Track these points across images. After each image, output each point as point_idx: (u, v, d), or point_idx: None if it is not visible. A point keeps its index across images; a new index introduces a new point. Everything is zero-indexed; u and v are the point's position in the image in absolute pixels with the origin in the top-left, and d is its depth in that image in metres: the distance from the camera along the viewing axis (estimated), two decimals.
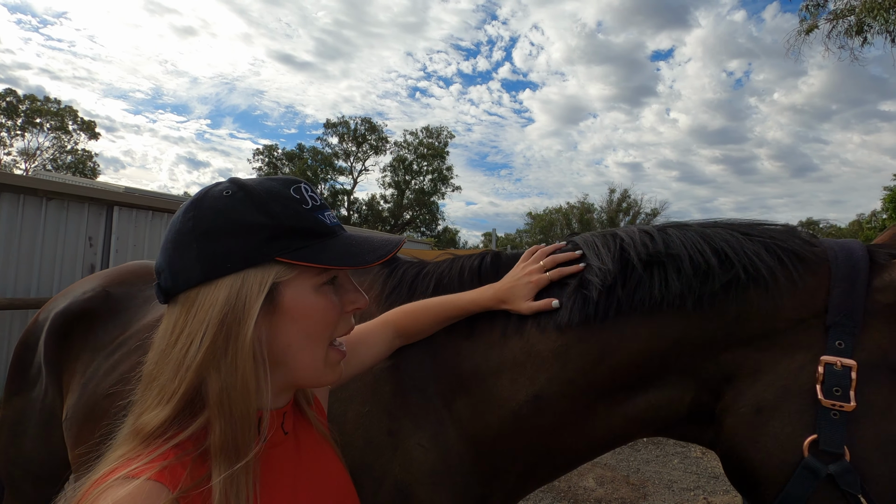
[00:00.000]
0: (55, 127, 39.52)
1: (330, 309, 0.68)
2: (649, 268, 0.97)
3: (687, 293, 0.92)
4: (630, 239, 1.02)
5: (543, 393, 1.01)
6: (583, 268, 1.05)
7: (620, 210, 47.52)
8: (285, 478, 0.68)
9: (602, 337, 0.96)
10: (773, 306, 0.88)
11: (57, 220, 7.23)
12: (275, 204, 0.65)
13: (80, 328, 1.49)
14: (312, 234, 0.67)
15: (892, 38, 9.86)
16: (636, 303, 0.94)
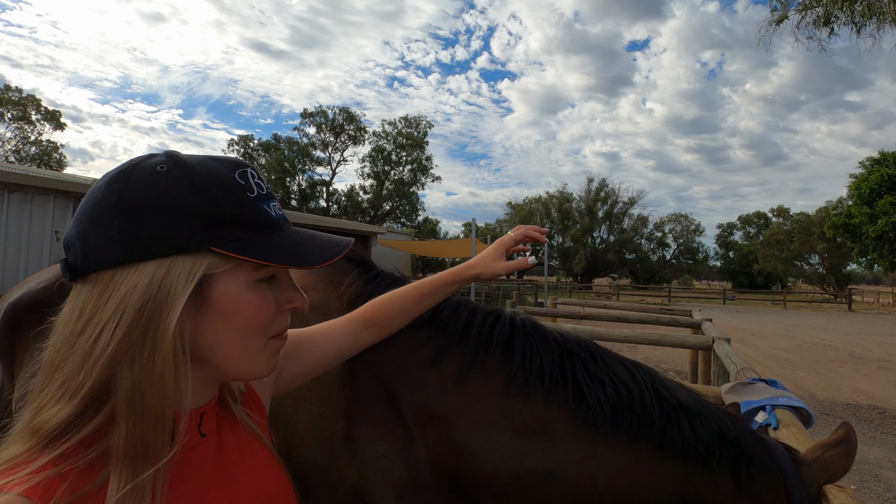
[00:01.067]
0: (17, 117, 37.93)
1: (264, 307, 0.62)
2: (680, 412, 1.04)
3: (712, 450, 1.01)
4: (659, 378, 1.09)
5: (557, 473, 1.00)
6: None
7: (599, 199, 48.09)
8: (197, 484, 0.61)
9: (632, 452, 1.01)
10: (762, 488, 1.02)
11: (20, 214, 6.96)
12: (216, 188, 0.59)
13: (33, 319, 1.45)
14: (254, 226, 0.61)
15: (858, 29, 10.13)
16: (668, 439, 1.01)
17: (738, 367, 2.83)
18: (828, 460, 1.08)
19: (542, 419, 1.02)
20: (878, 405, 6.83)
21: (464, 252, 22.13)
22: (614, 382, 1.04)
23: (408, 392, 1.04)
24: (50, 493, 0.48)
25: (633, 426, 1.01)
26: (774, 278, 47.28)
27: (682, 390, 1.09)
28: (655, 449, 1.01)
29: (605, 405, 1.01)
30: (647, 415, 1.01)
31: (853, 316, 23.56)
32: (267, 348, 0.65)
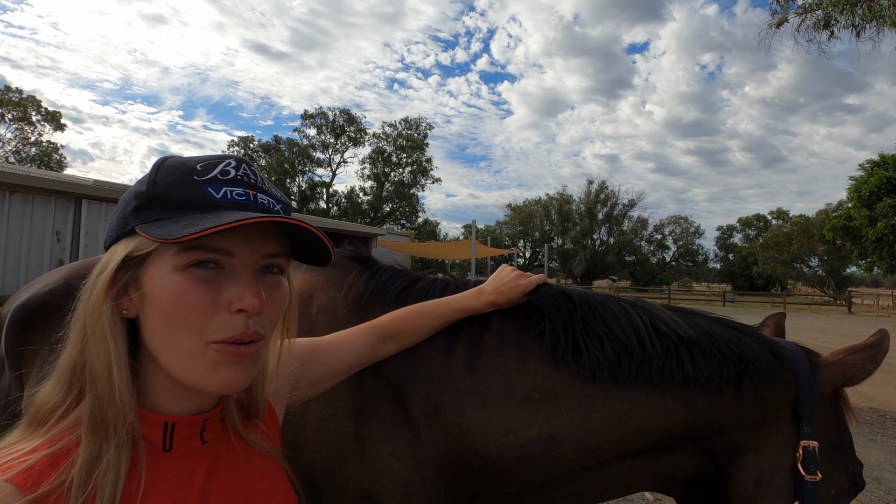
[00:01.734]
0: (17, 118, 37.94)
1: (190, 294, 0.56)
2: (680, 345, 1.06)
3: (713, 376, 1.04)
4: (658, 313, 1.12)
5: (560, 436, 1.02)
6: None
7: (598, 201, 48.09)
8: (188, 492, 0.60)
9: (631, 398, 1.03)
10: (768, 395, 1.06)
11: (21, 214, 6.97)
12: (166, 174, 0.60)
13: (41, 321, 1.45)
14: (181, 206, 0.58)
15: (857, 32, 10.15)
16: (668, 374, 1.04)
17: None
18: (849, 363, 1.10)
19: (543, 387, 1.04)
20: (879, 408, 6.82)
21: (464, 254, 22.13)
22: (612, 334, 1.06)
23: (415, 387, 1.05)
24: (40, 479, 0.50)
25: (630, 373, 1.03)
26: (774, 280, 47.30)
27: (683, 322, 1.10)
28: (654, 389, 1.03)
29: (601, 360, 1.03)
30: (644, 359, 1.04)
31: (853, 318, 23.55)
32: (206, 355, 0.58)
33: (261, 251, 0.61)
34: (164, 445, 0.61)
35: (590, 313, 1.09)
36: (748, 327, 1.18)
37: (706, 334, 1.08)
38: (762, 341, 1.12)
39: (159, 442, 0.61)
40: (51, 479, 0.50)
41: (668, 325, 1.08)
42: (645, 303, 1.16)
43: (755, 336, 1.13)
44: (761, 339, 1.13)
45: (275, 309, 0.63)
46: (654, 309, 1.13)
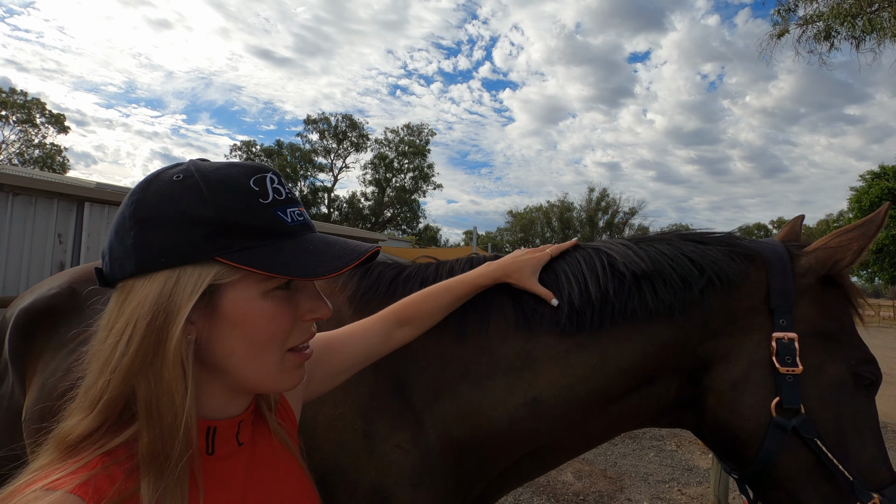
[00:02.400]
0: (21, 120, 38.12)
1: (279, 316, 0.60)
2: (639, 280, 1.05)
3: (674, 302, 1.03)
4: (618, 253, 1.11)
5: (542, 397, 1.03)
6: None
7: (599, 209, 48.15)
8: (233, 494, 0.62)
9: (600, 344, 1.04)
10: (735, 300, 1.04)
11: (24, 217, 6.99)
12: (225, 196, 0.58)
13: (44, 325, 1.45)
14: (264, 234, 0.59)
15: (857, 43, 10.21)
16: (630, 313, 1.03)
17: None
18: (832, 246, 1.03)
19: (523, 352, 1.06)
20: (880, 420, 6.79)
21: None
22: (575, 286, 1.07)
23: (414, 377, 1.07)
24: (101, 492, 0.50)
25: (594, 321, 1.03)
26: None
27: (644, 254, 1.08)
28: (620, 332, 1.04)
29: (568, 314, 1.04)
30: (606, 303, 1.04)
31: None
32: (286, 361, 0.63)
33: None
34: (208, 449, 0.62)
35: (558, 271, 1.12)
36: (717, 236, 1.14)
37: (666, 260, 1.06)
38: (729, 247, 1.08)
39: (203, 447, 0.62)
40: (110, 491, 0.50)
41: (627, 264, 1.07)
42: (610, 243, 1.15)
43: (721, 243, 1.09)
44: (728, 244, 1.09)
45: None
46: (613, 249, 1.12)
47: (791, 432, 0.97)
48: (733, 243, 1.10)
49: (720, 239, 1.13)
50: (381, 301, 1.17)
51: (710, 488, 3.99)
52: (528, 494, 4.02)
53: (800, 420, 0.97)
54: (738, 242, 1.11)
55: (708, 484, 4.19)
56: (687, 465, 4.79)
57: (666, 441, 5.42)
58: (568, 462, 4.64)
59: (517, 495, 4.00)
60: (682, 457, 5.00)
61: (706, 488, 4.21)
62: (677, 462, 4.85)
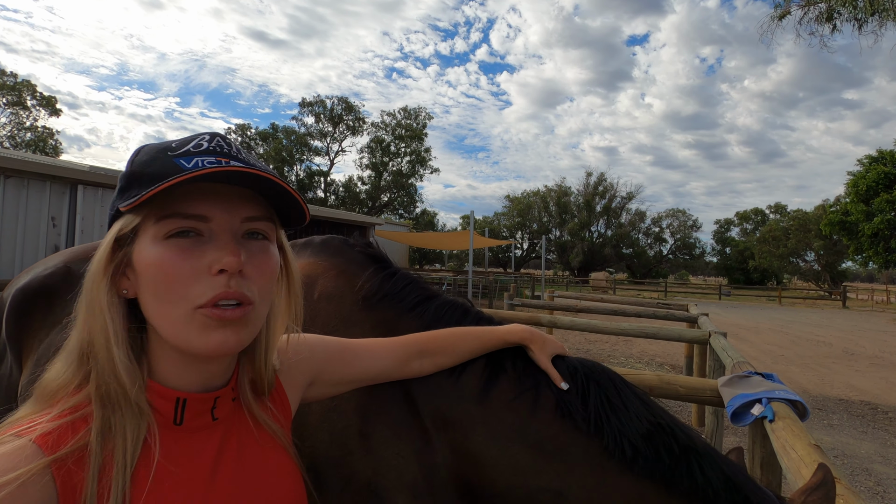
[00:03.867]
0: (12, 102, 37.55)
1: (170, 262, 0.58)
2: (691, 455, 1.02)
3: (719, 493, 1.00)
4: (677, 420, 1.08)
5: (569, 495, 1.01)
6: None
7: (597, 193, 48.08)
8: (201, 466, 0.63)
9: (640, 486, 1.00)
10: None
11: (17, 200, 6.92)
12: (142, 155, 0.64)
13: (40, 305, 1.45)
14: (156, 179, 0.58)
15: (860, 26, 10.11)
16: (677, 477, 1.01)
17: (734, 360, 2.86)
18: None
19: (558, 440, 1.03)
20: (871, 401, 6.90)
21: (461, 244, 22.12)
22: (632, 414, 1.04)
23: (426, 396, 1.05)
24: (60, 441, 0.54)
25: (647, 461, 1.01)
26: (770, 275, 47.50)
27: (691, 430, 1.09)
28: (663, 487, 1.01)
29: (621, 437, 1.02)
30: (660, 451, 1.02)
31: (847, 313, 23.73)
32: (195, 320, 0.59)
33: (238, 214, 0.62)
34: (175, 419, 0.63)
35: (612, 389, 1.08)
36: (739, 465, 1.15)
37: (713, 451, 1.05)
38: (753, 481, 1.09)
39: (170, 416, 0.63)
40: (70, 442, 0.54)
41: (681, 428, 1.06)
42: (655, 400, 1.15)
43: (746, 473, 1.11)
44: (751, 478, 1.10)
45: (262, 275, 0.64)
46: (663, 408, 1.12)
47: None
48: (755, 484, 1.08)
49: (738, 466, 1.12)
50: (400, 315, 1.15)
51: None
52: None
53: None
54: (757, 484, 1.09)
55: None
56: None
57: None
58: None
59: None
60: None
61: None
62: None
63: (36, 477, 0.50)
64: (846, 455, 4.84)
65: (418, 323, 1.14)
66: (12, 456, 0.50)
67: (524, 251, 50.81)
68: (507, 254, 46.90)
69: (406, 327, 1.14)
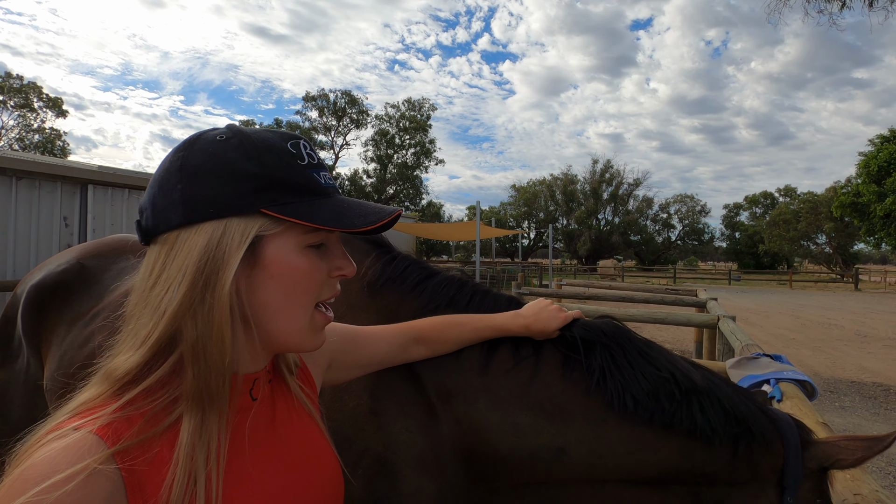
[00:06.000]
0: (19, 104, 37.86)
1: (314, 271, 0.65)
2: (692, 395, 1.09)
3: (716, 429, 1.07)
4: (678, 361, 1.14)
5: (569, 451, 1.06)
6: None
7: (603, 181, 47.72)
8: (240, 446, 0.65)
9: (640, 433, 1.07)
10: (760, 460, 1.10)
11: (29, 200, 7.02)
12: (269, 155, 0.63)
13: (55, 300, 1.48)
14: (303, 191, 0.63)
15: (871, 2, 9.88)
16: (676, 420, 1.07)
17: (742, 343, 2.86)
18: (841, 447, 1.11)
19: (557, 400, 1.07)
20: (883, 382, 6.86)
21: (468, 235, 22.09)
22: (636, 371, 1.09)
23: (430, 372, 1.09)
24: (119, 434, 0.53)
25: (646, 409, 1.06)
26: (780, 259, 47.02)
27: (695, 370, 1.14)
28: (662, 430, 1.06)
29: (621, 392, 1.07)
30: (660, 399, 1.07)
31: (859, 295, 23.47)
32: (314, 319, 0.67)
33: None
34: None
35: (616, 347, 1.12)
36: (748, 391, 1.22)
37: (716, 388, 1.11)
38: (761, 406, 1.15)
39: None
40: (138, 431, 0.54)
41: (684, 372, 1.12)
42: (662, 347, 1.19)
43: (754, 400, 1.17)
44: (760, 403, 1.17)
45: None
46: (670, 354, 1.17)
47: None
48: (763, 404, 1.17)
49: (752, 394, 1.19)
50: (403, 296, 1.18)
51: None
52: None
53: None
54: (765, 406, 1.18)
55: None
56: None
57: None
58: None
59: None
60: None
61: None
62: None
63: (102, 468, 0.50)
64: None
65: (418, 302, 1.18)
66: (74, 449, 0.50)
67: (531, 240, 50.65)
68: (515, 243, 46.79)
69: (408, 308, 1.18)
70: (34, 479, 0.47)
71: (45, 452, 0.49)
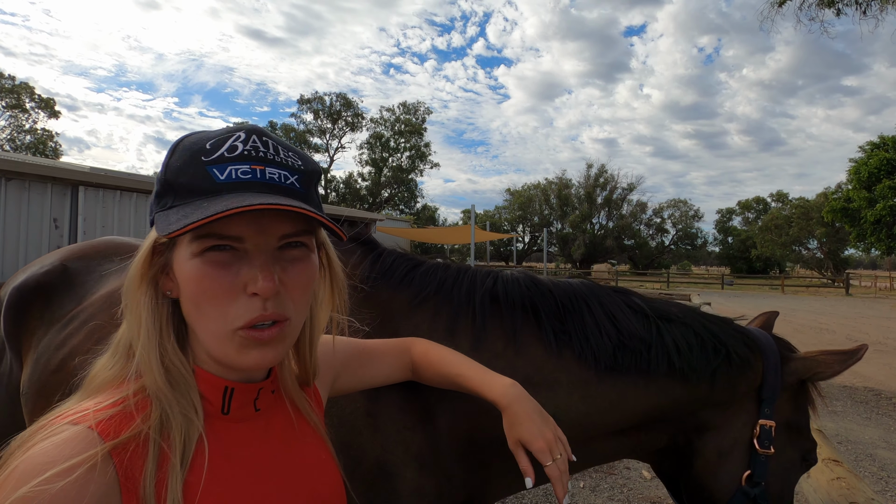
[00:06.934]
0: (11, 105, 37.53)
1: (208, 279, 0.57)
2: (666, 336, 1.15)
3: (696, 366, 1.14)
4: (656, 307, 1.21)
5: (558, 416, 1.06)
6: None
7: (597, 185, 47.92)
8: (244, 457, 0.63)
9: (621, 385, 1.13)
10: (738, 381, 1.18)
11: (18, 202, 6.93)
12: (177, 156, 0.60)
13: (37, 302, 1.46)
14: (186, 191, 0.57)
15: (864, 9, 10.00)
16: (654, 367, 1.14)
17: None
18: (819, 360, 1.21)
19: (543, 370, 1.12)
20: (874, 387, 6.90)
21: (463, 239, 22.08)
22: (612, 324, 1.15)
23: None
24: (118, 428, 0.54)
25: (624, 363, 1.13)
26: (773, 263, 47.39)
27: (669, 307, 1.22)
28: (641, 378, 1.14)
29: (598, 350, 1.12)
30: (637, 350, 1.13)
31: (851, 300, 23.68)
32: (234, 339, 0.58)
33: (273, 234, 0.59)
34: (223, 408, 0.64)
35: (586, 307, 1.17)
36: (724, 319, 1.28)
37: (691, 326, 1.18)
38: (738, 332, 1.22)
39: (219, 404, 0.64)
40: (126, 430, 0.54)
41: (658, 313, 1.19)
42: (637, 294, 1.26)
43: (731, 327, 1.24)
44: (737, 329, 1.24)
45: (297, 286, 0.62)
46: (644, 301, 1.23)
47: (752, 499, 1.17)
48: (739, 330, 1.24)
49: (728, 321, 1.26)
50: (393, 290, 1.18)
51: None
52: None
53: (759, 490, 1.16)
54: (743, 329, 1.25)
55: None
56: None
57: None
58: None
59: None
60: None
61: None
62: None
63: (98, 463, 0.50)
64: (850, 441, 4.84)
65: (409, 292, 1.19)
66: (72, 442, 0.50)
67: (526, 244, 50.74)
68: (509, 247, 46.85)
69: (400, 300, 1.18)
70: (34, 471, 0.47)
71: (44, 446, 0.50)
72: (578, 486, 3.76)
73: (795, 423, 1.22)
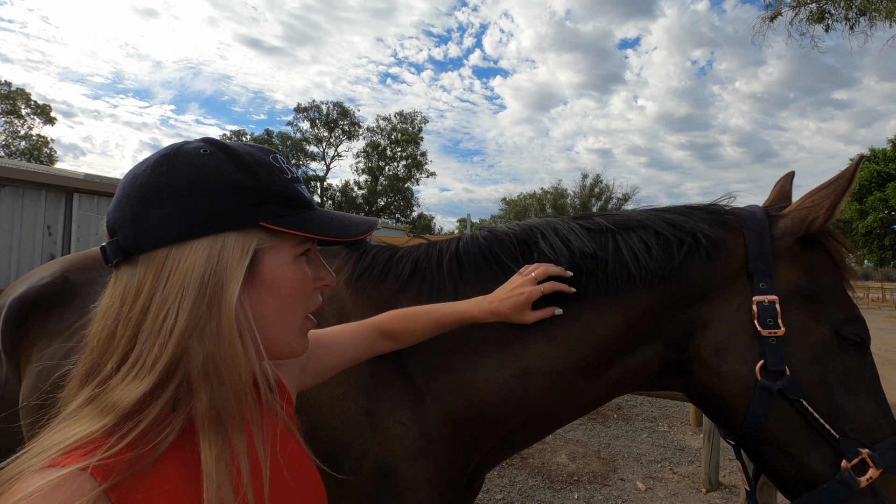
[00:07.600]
0: (6, 111, 37.40)
1: (306, 280, 0.67)
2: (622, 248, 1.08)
3: (655, 267, 1.05)
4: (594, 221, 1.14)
5: (531, 369, 1.06)
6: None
7: (593, 195, 48.17)
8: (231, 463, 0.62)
9: (582, 315, 1.07)
10: (713, 266, 1.06)
11: (12, 208, 6.90)
12: (260, 169, 0.63)
13: (37, 314, 1.44)
14: (294, 204, 0.64)
15: (852, 25, 10.20)
16: (611, 283, 1.06)
17: None
18: (806, 207, 1.03)
19: (512, 330, 1.08)
20: None
21: None
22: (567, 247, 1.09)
23: (415, 356, 1.10)
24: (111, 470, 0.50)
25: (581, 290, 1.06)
26: None
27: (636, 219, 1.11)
28: (603, 301, 1.06)
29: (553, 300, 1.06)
30: (591, 272, 1.07)
31: None
32: (304, 326, 0.69)
33: None
34: None
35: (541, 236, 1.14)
36: (700, 205, 1.15)
37: (648, 226, 1.09)
38: (709, 213, 1.10)
39: None
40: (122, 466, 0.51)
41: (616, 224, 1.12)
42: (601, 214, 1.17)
43: (704, 210, 1.11)
44: (709, 210, 1.11)
45: None
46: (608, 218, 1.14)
47: (777, 394, 0.98)
48: (711, 211, 1.12)
49: (698, 207, 1.15)
50: (377, 283, 1.19)
51: (700, 467, 4.07)
52: (523, 476, 4.08)
53: (785, 382, 0.97)
54: (715, 210, 1.12)
55: (699, 463, 4.28)
56: (679, 445, 4.88)
57: (658, 422, 5.50)
58: (562, 444, 4.71)
59: (512, 478, 4.06)
60: (674, 437, 5.09)
61: (697, 467, 4.29)
62: (669, 442, 4.94)
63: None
64: None
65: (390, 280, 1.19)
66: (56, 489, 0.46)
67: None
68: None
69: (384, 290, 1.18)
70: None
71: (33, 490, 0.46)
72: (572, 498, 3.75)
73: (810, 292, 1.02)
